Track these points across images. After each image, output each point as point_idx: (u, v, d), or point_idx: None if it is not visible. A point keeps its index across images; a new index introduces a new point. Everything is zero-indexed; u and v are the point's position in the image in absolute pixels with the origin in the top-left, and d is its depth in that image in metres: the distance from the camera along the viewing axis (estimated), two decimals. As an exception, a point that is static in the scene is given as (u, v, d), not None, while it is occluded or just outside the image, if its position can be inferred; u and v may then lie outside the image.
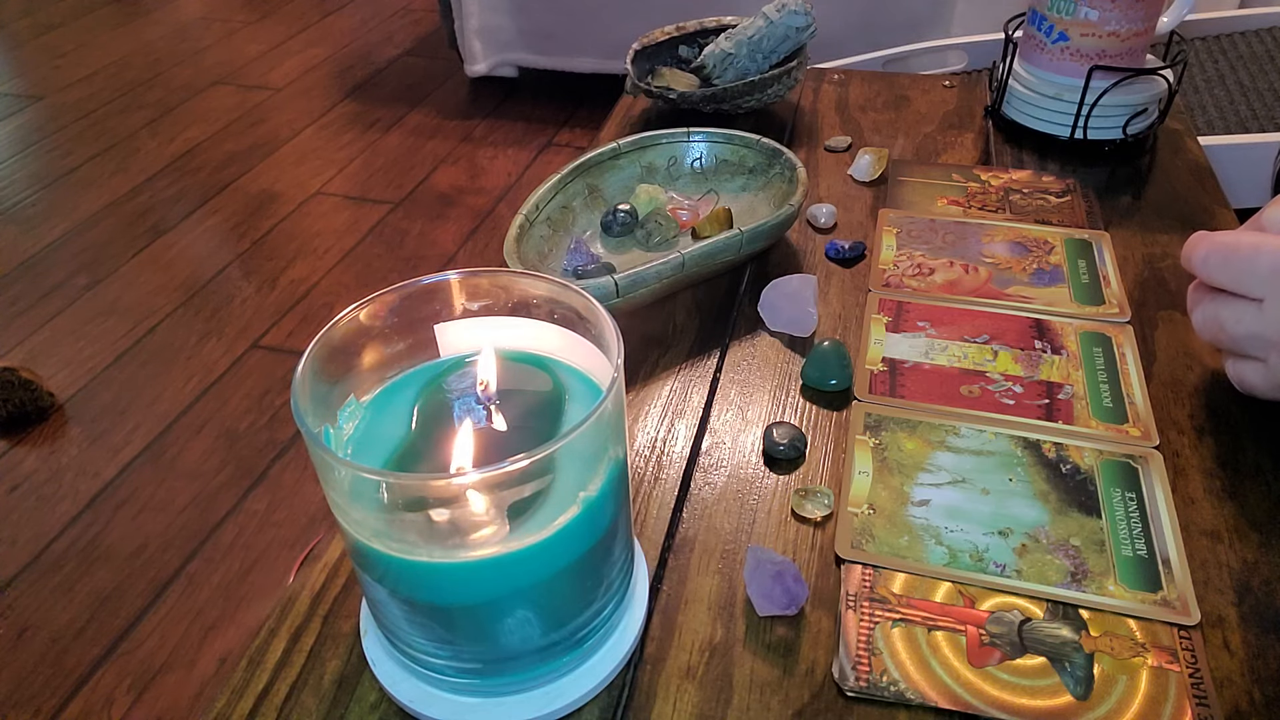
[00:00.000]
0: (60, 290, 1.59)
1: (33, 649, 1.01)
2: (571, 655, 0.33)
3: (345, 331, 0.32)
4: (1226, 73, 1.11)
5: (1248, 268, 0.40)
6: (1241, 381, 0.43)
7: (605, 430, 0.29)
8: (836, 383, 0.46)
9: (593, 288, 0.48)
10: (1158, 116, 0.67)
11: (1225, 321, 0.41)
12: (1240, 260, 0.40)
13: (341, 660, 0.35)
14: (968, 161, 0.67)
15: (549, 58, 2.06)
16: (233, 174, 1.92)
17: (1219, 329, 0.42)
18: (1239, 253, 0.40)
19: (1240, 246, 0.40)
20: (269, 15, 2.71)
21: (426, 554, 0.28)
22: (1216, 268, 0.41)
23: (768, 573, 0.36)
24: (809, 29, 0.70)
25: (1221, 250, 0.41)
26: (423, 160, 1.96)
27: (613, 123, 0.74)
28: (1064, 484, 0.41)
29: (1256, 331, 0.40)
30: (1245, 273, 0.40)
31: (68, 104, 2.22)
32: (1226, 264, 0.41)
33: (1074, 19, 0.63)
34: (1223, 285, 0.42)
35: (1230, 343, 0.42)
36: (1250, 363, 0.42)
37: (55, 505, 1.19)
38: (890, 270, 0.55)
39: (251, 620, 1.04)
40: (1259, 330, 0.40)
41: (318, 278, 1.61)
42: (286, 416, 1.31)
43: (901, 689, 0.33)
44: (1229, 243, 0.41)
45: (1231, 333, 0.41)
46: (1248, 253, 0.40)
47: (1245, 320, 0.40)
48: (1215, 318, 0.42)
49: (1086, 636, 0.35)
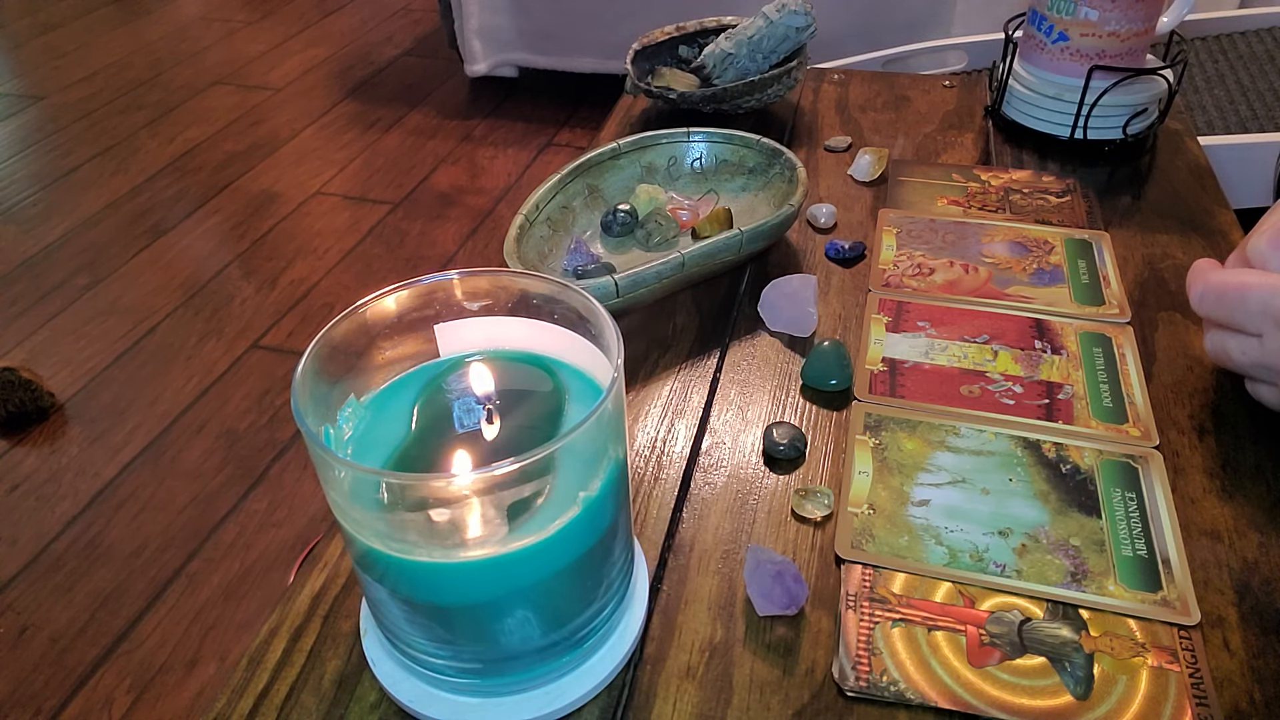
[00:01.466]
0: (60, 290, 1.59)
1: (33, 649, 1.01)
2: (571, 655, 0.33)
3: (345, 331, 0.32)
4: (1226, 73, 1.11)
5: (1239, 307, 0.42)
6: (1261, 398, 0.45)
7: (605, 430, 0.29)
8: (836, 383, 0.46)
9: (593, 288, 0.48)
10: (1158, 116, 0.67)
11: (1232, 351, 0.43)
12: (1230, 301, 0.42)
13: (341, 660, 0.35)
14: (968, 161, 0.67)
15: (549, 58, 2.06)
16: (233, 174, 1.92)
17: (1228, 357, 0.44)
18: (1228, 294, 0.42)
19: (1228, 287, 0.42)
20: (269, 15, 2.71)
21: (426, 554, 0.28)
22: (1212, 307, 0.43)
23: (768, 573, 0.36)
24: (809, 29, 0.70)
25: (1214, 291, 0.43)
26: (423, 160, 1.96)
27: (613, 123, 0.74)
28: (1064, 484, 0.41)
29: (1261, 361, 0.42)
30: (1238, 311, 0.42)
31: (68, 104, 2.21)
32: (1220, 304, 0.43)
33: (1074, 19, 0.63)
34: (1221, 322, 0.43)
35: (1240, 369, 0.44)
36: (1265, 385, 0.44)
37: (55, 505, 1.19)
38: (890, 270, 0.55)
39: (251, 620, 1.04)
40: (1263, 360, 0.42)
41: (318, 278, 1.60)
42: (286, 416, 1.31)
43: (901, 689, 0.33)
44: (1218, 284, 0.43)
45: (1239, 362, 0.43)
46: (1235, 293, 0.42)
47: (1250, 351, 0.42)
48: (1223, 347, 0.44)
49: (1086, 636, 0.35)
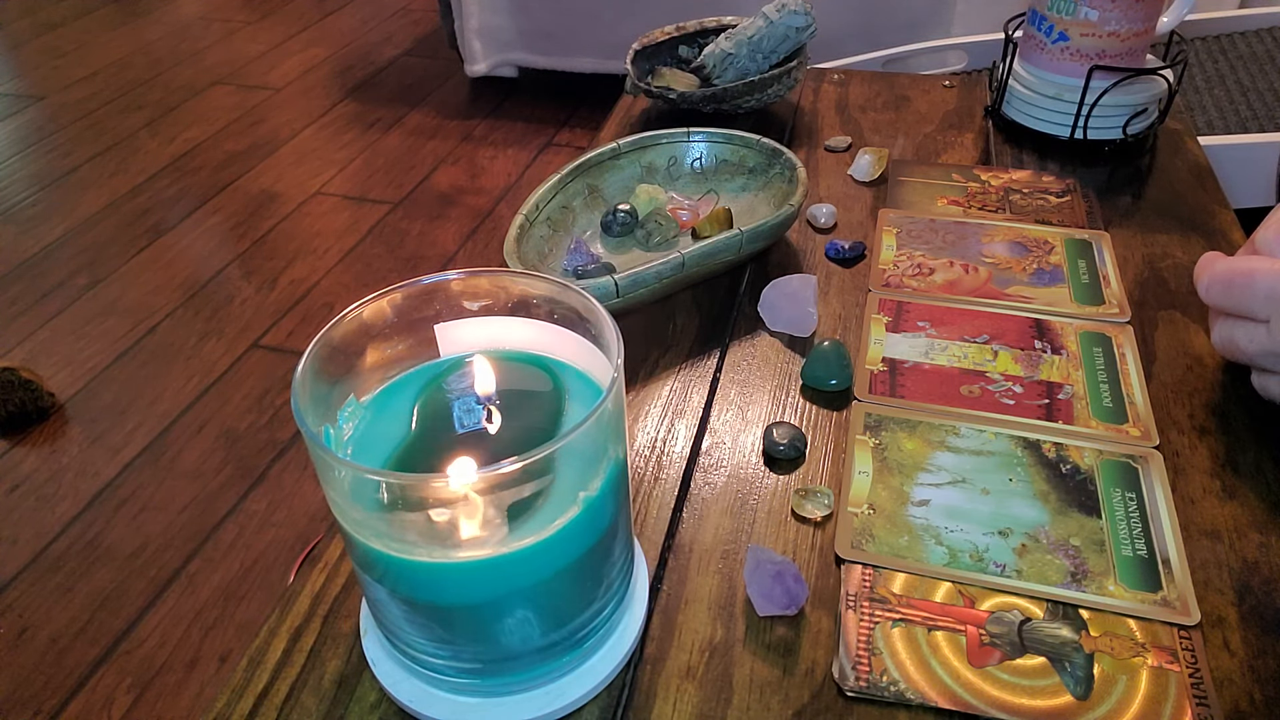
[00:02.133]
0: (60, 290, 1.59)
1: (33, 649, 1.01)
2: (571, 655, 0.33)
3: (345, 331, 0.32)
4: (1226, 73, 1.11)
5: (1247, 294, 0.42)
6: (1266, 391, 0.45)
7: (605, 430, 0.29)
8: (836, 383, 0.46)
9: (593, 288, 0.48)
10: (1158, 116, 0.67)
11: (1239, 341, 0.43)
12: (1238, 288, 0.42)
13: (341, 660, 0.35)
14: (968, 161, 0.67)
15: (549, 58, 2.06)
16: (233, 174, 1.92)
17: (1236, 348, 0.44)
18: (1236, 281, 0.42)
19: (1236, 274, 0.42)
20: (269, 15, 2.71)
21: (426, 554, 0.28)
22: (1219, 296, 0.44)
23: (768, 573, 0.36)
24: (809, 29, 0.70)
25: (1221, 280, 0.43)
26: (423, 160, 1.96)
27: (613, 123, 0.74)
28: (1064, 484, 0.41)
29: (1269, 349, 0.42)
30: (1246, 298, 0.42)
31: (68, 104, 2.21)
32: (1228, 292, 0.43)
33: (1074, 19, 0.63)
34: (1228, 311, 0.44)
35: (1248, 359, 0.44)
36: (1272, 376, 0.44)
37: (55, 505, 1.19)
38: (890, 270, 0.55)
39: (251, 620, 1.04)
40: (1271, 347, 0.42)
41: (318, 278, 1.60)
42: (286, 416, 1.31)
43: (901, 689, 0.33)
44: (1226, 271, 0.43)
45: (1247, 350, 0.43)
46: (1243, 280, 0.42)
47: (1257, 339, 0.42)
48: (1230, 338, 0.44)
49: (1086, 636, 0.35)
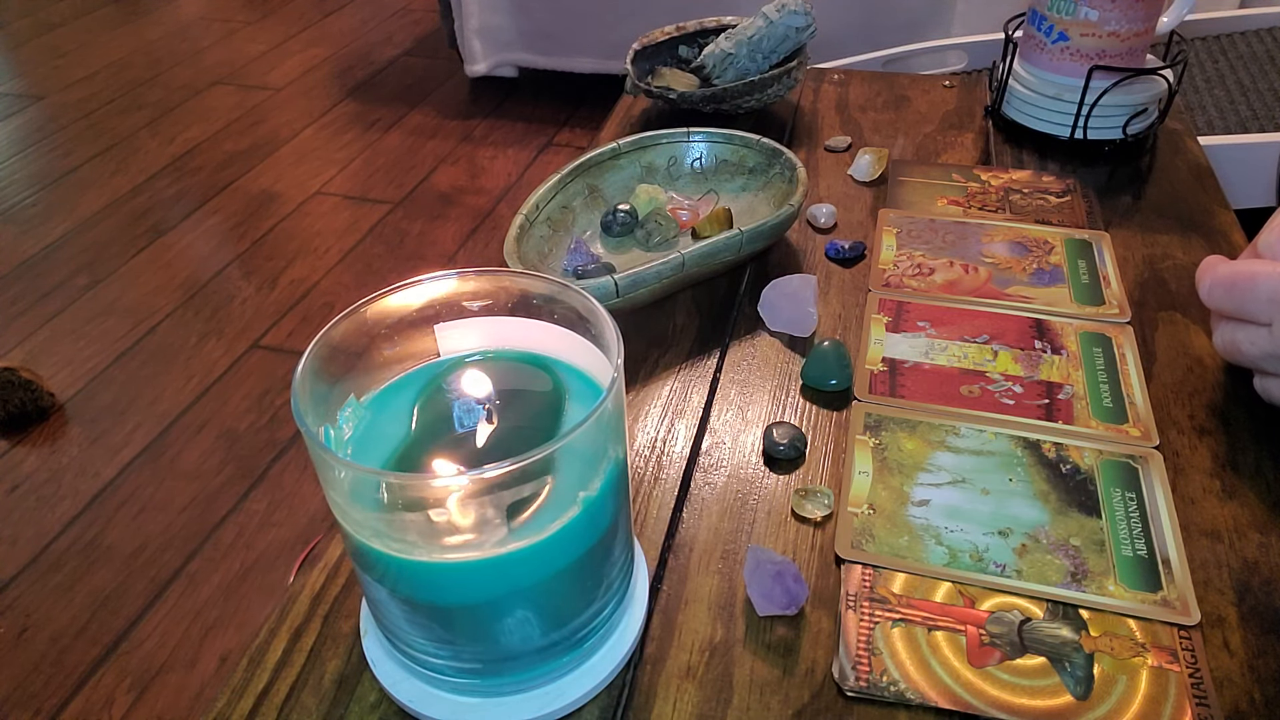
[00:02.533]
0: (60, 290, 1.59)
1: (33, 649, 1.01)
2: (571, 655, 0.33)
3: (345, 331, 0.32)
4: (1226, 73, 1.11)
5: (1249, 296, 0.42)
6: (1269, 395, 0.45)
7: (605, 430, 0.29)
8: (836, 383, 0.46)
9: (593, 288, 0.48)
10: (1158, 116, 0.67)
11: (1241, 344, 0.43)
12: (1240, 290, 0.42)
13: (341, 660, 0.35)
14: (968, 161, 0.67)
15: (549, 58, 2.06)
16: (233, 174, 1.92)
17: (1238, 351, 0.44)
18: (1238, 284, 0.42)
19: (1238, 277, 0.42)
20: (269, 15, 2.71)
21: (426, 554, 0.28)
22: (1221, 299, 0.44)
23: (768, 573, 0.36)
24: (809, 29, 0.70)
25: (1223, 283, 0.43)
26: (423, 160, 1.96)
27: (613, 123, 0.74)
28: (1064, 484, 0.41)
29: (1271, 352, 0.42)
30: (1248, 301, 0.42)
31: (68, 104, 2.21)
32: (1230, 295, 0.43)
33: (1074, 19, 0.63)
34: (1230, 314, 0.44)
35: (1250, 363, 0.44)
36: (1274, 379, 0.44)
37: (55, 505, 1.19)
38: (890, 270, 0.55)
39: (251, 620, 1.04)
40: (1273, 350, 0.42)
41: (318, 278, 1.60)
42: (286, 416, 1.31)
43: (901, 689, 0.33)
44: (1228, 274, 0.43)
45: (1249, 354, 0.43)
46: (1245, 282, 0.42)
47: (1259, 342, 0.42)
48: (1232, 341, 0.44)
49: (1086, 636, 0.35)
